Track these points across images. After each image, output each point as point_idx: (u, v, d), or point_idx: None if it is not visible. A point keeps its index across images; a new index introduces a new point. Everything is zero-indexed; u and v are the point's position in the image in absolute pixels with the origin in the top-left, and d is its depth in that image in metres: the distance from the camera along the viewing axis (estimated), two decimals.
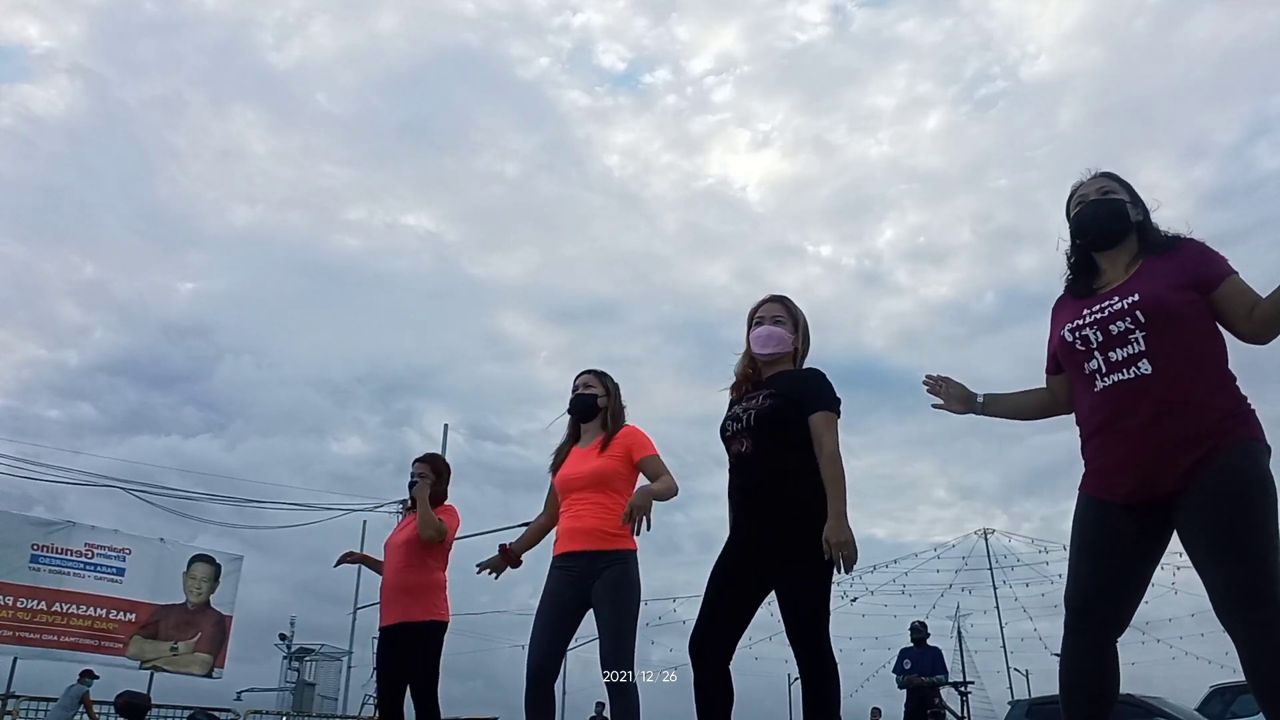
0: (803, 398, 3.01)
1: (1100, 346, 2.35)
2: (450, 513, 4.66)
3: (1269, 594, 2.05)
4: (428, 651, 4.41)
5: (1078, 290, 2.54)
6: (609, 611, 3.47)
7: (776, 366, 3.16)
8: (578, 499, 3.70)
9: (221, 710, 15.89)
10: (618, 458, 3.70)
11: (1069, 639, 2.33)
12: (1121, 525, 2.30)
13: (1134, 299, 2.32)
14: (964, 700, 11.31)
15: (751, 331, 3.18)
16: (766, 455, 2.95)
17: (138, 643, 17.90)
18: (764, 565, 2.90)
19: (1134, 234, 2.49)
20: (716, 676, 2.89)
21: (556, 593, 3.59)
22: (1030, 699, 11.71)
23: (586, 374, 3.91)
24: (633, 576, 3.56)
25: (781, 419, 2.98)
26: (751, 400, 3.09)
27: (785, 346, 3.14)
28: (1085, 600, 2.32)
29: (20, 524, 17.23)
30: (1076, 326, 2.42)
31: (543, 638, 3.55)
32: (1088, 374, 2.38)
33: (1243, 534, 2.10)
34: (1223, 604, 2.10)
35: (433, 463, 4.77)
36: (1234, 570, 2.08)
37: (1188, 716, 8.82)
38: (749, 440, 3.00)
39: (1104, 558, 2.32)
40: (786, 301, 3.23)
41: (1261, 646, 2.04)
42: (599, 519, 3.59)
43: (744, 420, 3.04)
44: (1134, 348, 2.29)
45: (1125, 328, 2.31)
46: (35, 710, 14.64)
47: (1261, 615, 2.05)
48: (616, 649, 3.41)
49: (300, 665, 21.10)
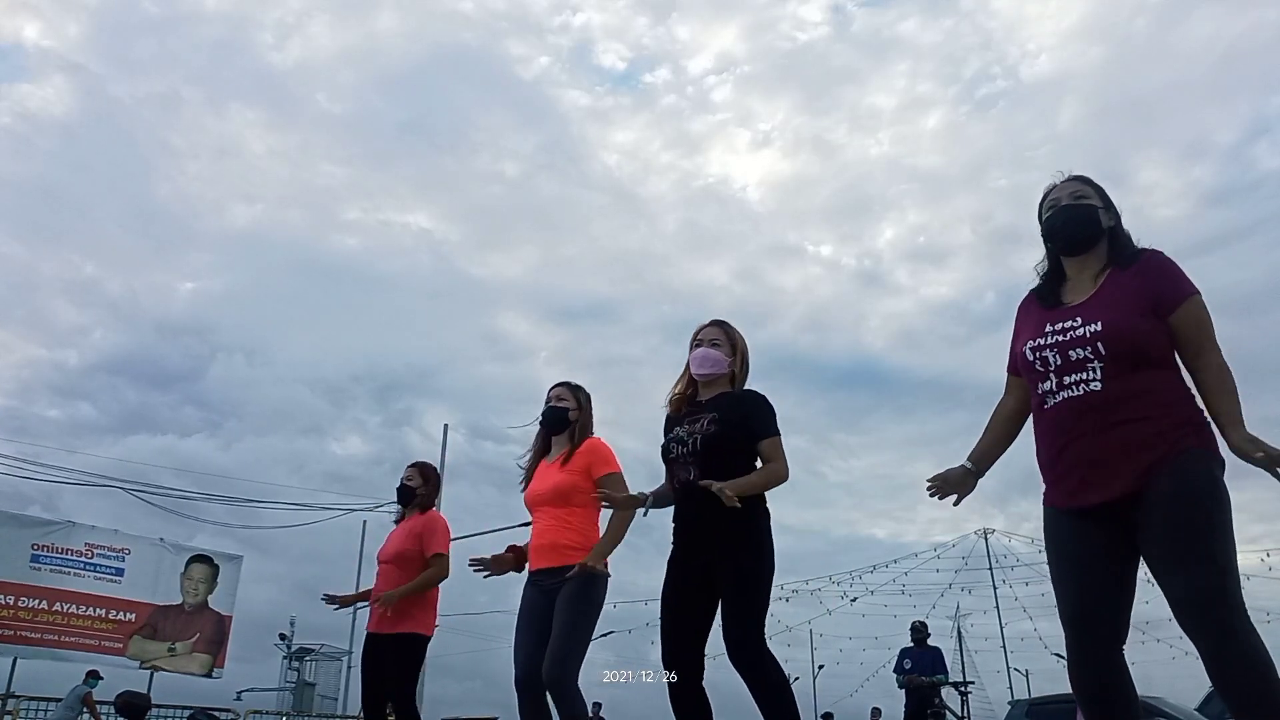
0: (748, 423, 3.15)
1: (1057, 370, 2.35)
2: (439, 527, 4.67)
3: (1227, 599, 2.06)
4: (409, 663, 4.47)
5: (1046, 299, 2.52)
6: (561, 625, 3.49)
7: (714, 388, 3.29)
8: (541, 515, 3.76)
9: (221, 710, 15.86)
10: (578, 472, 3.71)
11: (1076, 655, 2.31)
12: (1093, 532, 2.30)
13: (1096, 328, 2.31)
14: (964, 700, 11.29)
15: (691, 353, 3.32)
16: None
17: (137, 643, 17.87)
18: (709, 574, 3.02)
19: (1105, 241, 2.47)
20: (690, 690, 3.01)
21: (532, 601, 3.66)
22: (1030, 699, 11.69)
23: (560, 386, 3.92)
24: (595, 592, 3.57)
25: (728, 443, 3.11)
26: (695, 423, 3.19)
27: (721, 369, 3.28)
28: (1081, 614, 2.30)
29: (20, 524, 17.20)
30: (1038, 346, 2.41)
31: (526, 644, 3.60)
32: (1040, 393, 2.40)
33: (1198, 540, 2.10)
34: (1183, 610, 2.09)
35: (422, 470, 4.87)
36: (1192, 576, 2.08)
37: (1187, 716, 8.80)
38: (695, 467, 3.11)
39: (1085, 568, 2.31)
40: (726, 326, 3.37)
41: (1224, 651, 2.04)
42: (559, 534, 3.64)
43: (689, 445, 3.15)
44: (1089, 374, 2.29)
45: (1084, 356, 2.31)
46: (35, 710, 14.63)
47: (1219, 618, 2.05)
48: (559, 662, 3.42)
49: (300, 665, 21.08)
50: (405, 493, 4.77)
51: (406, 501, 4.78)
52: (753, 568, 2.97)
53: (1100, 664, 2.28)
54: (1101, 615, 2.28)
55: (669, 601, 3.10)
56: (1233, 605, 2.06)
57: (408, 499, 4.76)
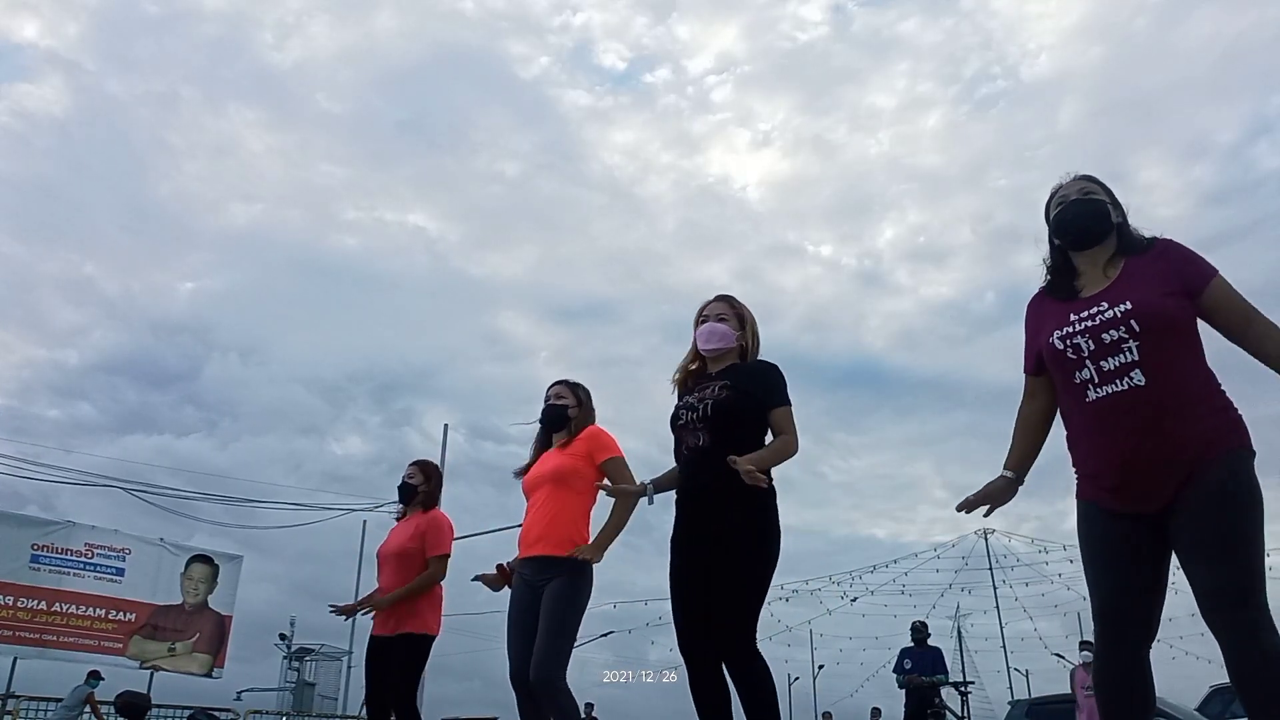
0: (761, 392, 3.09)
1: (1092, 355, 2.33)
2: (442, 525, 4.69)
3: (1253, 597, 2.08)
4: (413, 663, 4.48)
5: (1059, 292, 2.52)
6: (546, 624, 3.50)
7: (723, 362, 3.24)
8: (535, 500, 3.76)
9: (221, 710, 15.86)
10: (579, 455, 3.73)
11: (1105, 650, 2.33)
12: (1130, 529, 2.31)
13: (1127, 307, 2.31)
14: (964, 700, 11.30)
15: (697, 330, 3.27)
16: (724, 450, 2.93)
17: (137, 643, 17.88)
18: (711, 554, 2.96)
19: (1114, 235, 2.49)
20: (710, 674, 2.95)
21: (520, 598, 3.67)
22: (1030, 699, 11.71)
23: (559, 385, 3.94)
24: (580, 589, 3.58)
25: (739, 410, 3.05)
26: (705, 389, 3.14)
27: (729, 342, 3.23)
28: (1115, 609, 2.31)
29: (20, 524, 17.20)
30: (1067, 334, 2.39)
31: (515, 641, 3.61)
32: (1078, 383, 2.37)
33: (1231, 538, 2.12)
34: (1209, 606, 2.12)
35: (424, 467, 4.87)
36: (1220, 573, 2.10)
37: (1187, 716, 8.80)
38: (706, 434, 3.05)
39: (1122, 564, 2.32)
40: (732, 300, 3.33)
41: (1245, 647, 2.07)
42: (550, 525, 3.63)
43: (700, 410, 3.09)
44: (1126, 357, 2.28)
45: (1119, 336, 2.29)
46: (35, 710, 14.64)
47: (1246, 617, 2.07)
48: (545, 661, 3.43)
49: (300, 665, 21.07)
50: (406, 490, 4.77)
51: (408, 499, 4.78)
52: (754, 559, 2.92)
53: (1127, 661, 2.31)
54: (1135, 613, 2.31)
55: (678, 591, 3.04)
56: (1259, 605, 2.09)
57: (409, 496, 4.77)
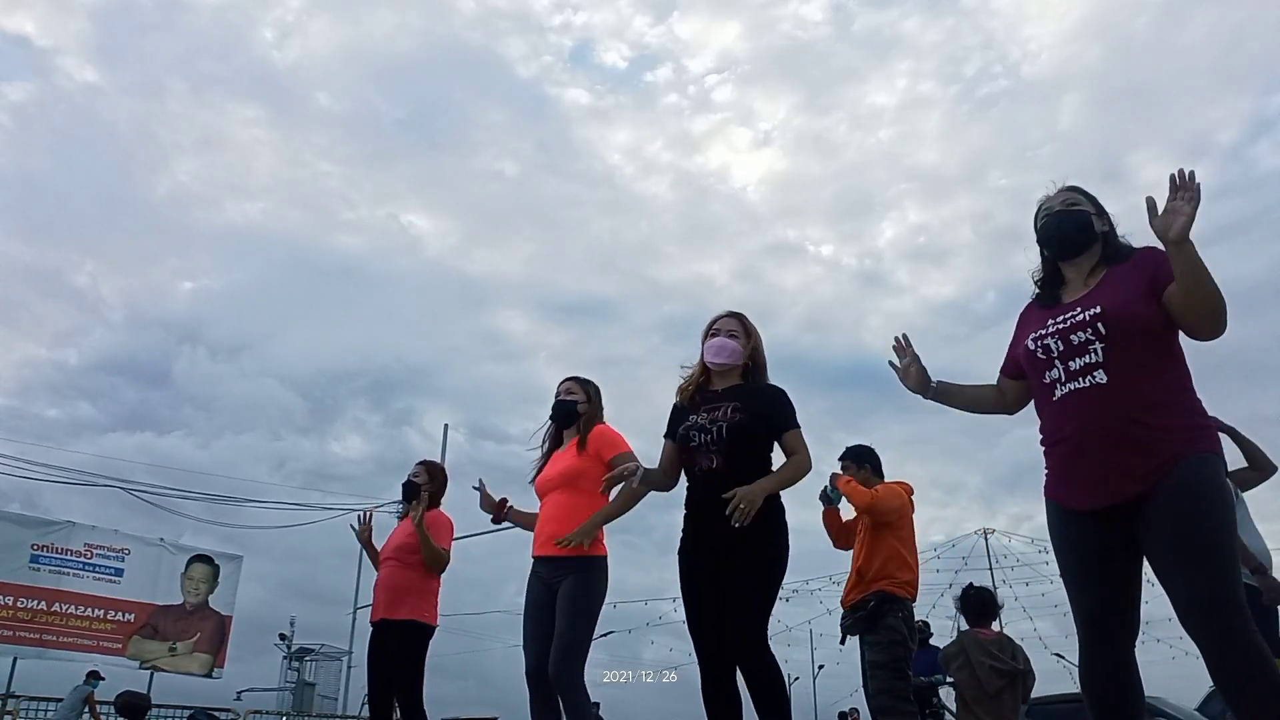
0: (772, 416, 3.20)
1: (1060, 355, 2.40)
2: (443, 523, 4.76)
3: (1230, 601, 2.09)
4: (413, 652, 4.52)
5: (1045, 300, 2.59)
6: (562, 623, 3.54)
7: (727, 379, 3.32)
8: (548, 501, 3.82)
9: (221, 710, 15.84)
10: (590, 457, 3.78)
11: (1090, 653, 2.35)
12: (1101, 530, 2.33)
13: (1095, 310, 2.36)
14: None
15: (706, 343, 3.35)
16: (735, 472, 3.05)
17: (137, 643, 17.86)
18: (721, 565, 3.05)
19: (1099, 244, 2.53)
20: (725, 685, 3.03)
21: (536, 595, 3.72)
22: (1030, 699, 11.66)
23: (569, 380, 4.01)
24: (593, 585, 3.63)
25: (751, 434, 3.15)
26: (715, 410, 3.21)
27: (736, 359, 3.32)
28: (1096, 611, 2.33)
29: (20, 524, 17.19)
30: (1039, 336, 2.47)
31: (533, 637, 3.65)
32: (1047, 383, 2.43)
33: (1202, 543, 2.13)
34: (1187, 614, 2.12)
35: (429, 467, 4.94)
36: (1196, 581, 2.11)
37: (1187, 716, 8.79)
38: (719, 456, 3.13)
39: (1096, 566, 2.34)
40: (742, 317, 3.42)
41: (1225, 652, 2.07)
42: (561, 525, 3.67)
43: (713, 433, 3.16)
44: (1092, 358, 2.33)
45: (1085, 338, 2.35)
46: (35, 710, 14.63)
47: (1224, 621, 2.08)
48: (563, 659, 3.48)
49: (300, 665, 21.09)
50: (410, 489, 4.80)
51: (411, 498, 4.80)
52: (763, 566, 3.01)
53: (1113, 662, 2.32)
54: (1116, 613, 2.32)
55: (691, 600, 3.13)
56: (1236, 609, 2.08)
57: (413, 495, 4.79)
